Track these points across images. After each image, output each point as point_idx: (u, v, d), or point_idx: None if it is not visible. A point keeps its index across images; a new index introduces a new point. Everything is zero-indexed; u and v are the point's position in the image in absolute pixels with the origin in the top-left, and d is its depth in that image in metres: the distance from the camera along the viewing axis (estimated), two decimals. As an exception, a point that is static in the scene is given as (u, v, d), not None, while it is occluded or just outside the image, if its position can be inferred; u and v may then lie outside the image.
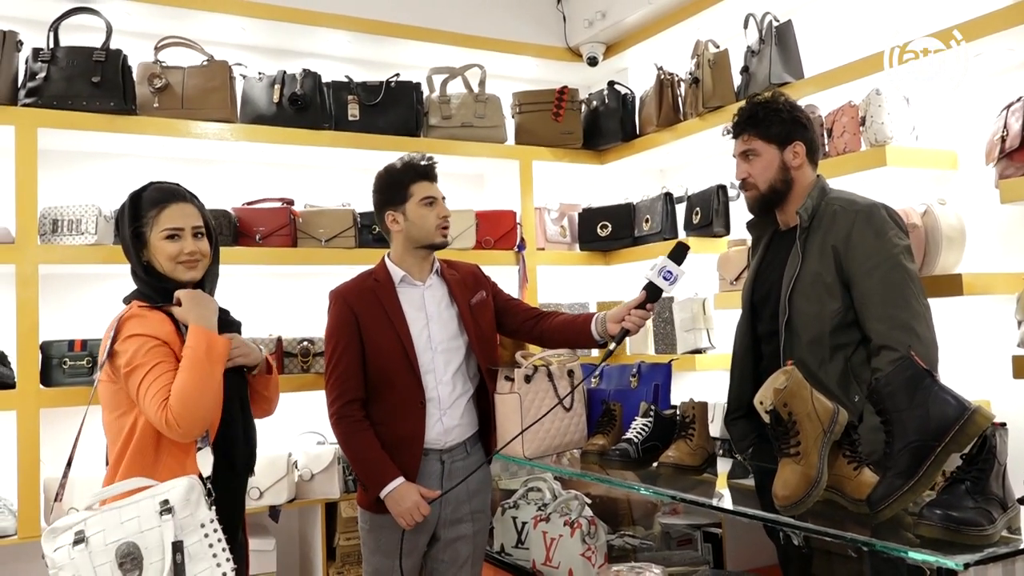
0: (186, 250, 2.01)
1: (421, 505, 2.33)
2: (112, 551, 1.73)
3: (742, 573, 2.40)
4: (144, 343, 1.89)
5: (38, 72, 2.99)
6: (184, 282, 2.03)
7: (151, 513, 1.76)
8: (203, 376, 1.87)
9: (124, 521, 1.75)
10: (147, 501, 1.78)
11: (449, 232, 2.55)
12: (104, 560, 1.73)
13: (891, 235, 2.15)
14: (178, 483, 1.81)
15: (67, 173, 3.31)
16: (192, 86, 3.24)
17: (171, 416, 1.83)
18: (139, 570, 1.72)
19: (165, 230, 2.00)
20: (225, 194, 3.46)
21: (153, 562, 1.73)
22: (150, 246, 2.01)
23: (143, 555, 1.73)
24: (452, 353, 2.50)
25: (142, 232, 2.01)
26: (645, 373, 2.79)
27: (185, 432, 1.85)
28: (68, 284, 3.22)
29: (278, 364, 3.26)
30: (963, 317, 2.72)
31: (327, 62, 3.74)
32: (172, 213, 2.01)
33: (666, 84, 3.63)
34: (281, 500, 3.20)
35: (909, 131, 2.81)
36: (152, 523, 1.75)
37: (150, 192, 2.05)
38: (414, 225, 2.47)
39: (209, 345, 1.91)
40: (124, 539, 1.74)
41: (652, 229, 3.76)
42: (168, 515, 1.76)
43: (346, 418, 2.40)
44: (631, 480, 2.32)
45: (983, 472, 1.55)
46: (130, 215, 2.01)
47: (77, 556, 1.72)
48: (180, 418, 1.83)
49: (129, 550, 1.73)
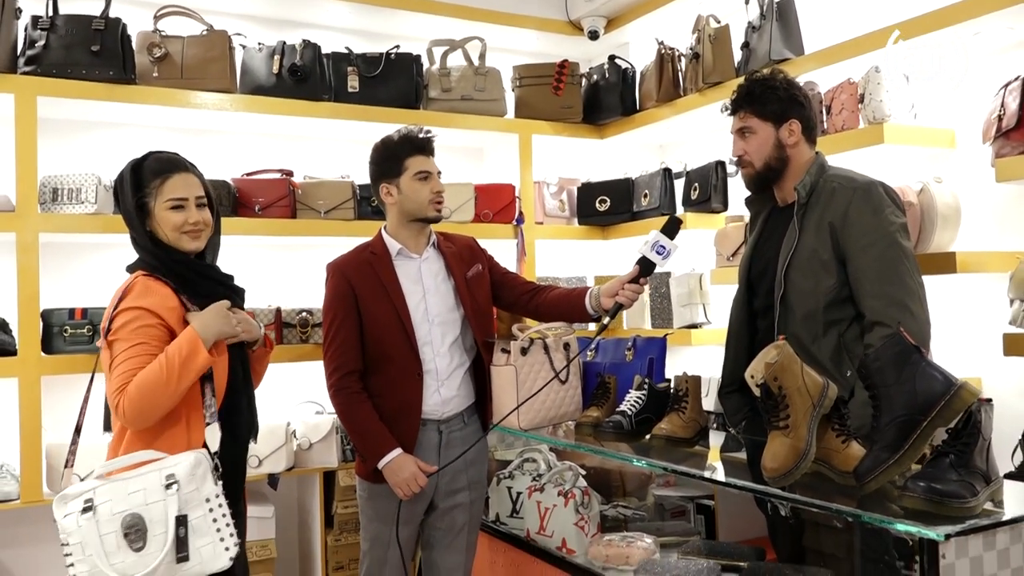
0: (191, 220, 2.02)
1: (418, 476, 2.36)
2: (118, 521, 1.76)
3: (732, 544, 2.44)
4: (137, 317, 1.90)
5: (37, 40, 2.98)
6: (188, 251, 2.05)
7: (157, 486, 1.79)
8: (170, 380, 1.85)
9: (131, 493, 1.79)
10: (153, 474, 1.81)
11: (444, 206, 2.56)
12: (110, 529, 1.76)
13: (888, 213, 2.17)
14: (185, 458, 1.83)
15: (67, 142, 3.31)
16: (191, 56, 3.23)
17: (124, 403, 1.85)
18: (143, 541, 1.76)
19: (169, 200, 2.00)
20: (224, 165, 3.46)
21: (157, 534, 1.77)
22: (154, 216, 2.01)
23: (147, 527, 1.76)
24: (449, 325, 2.52)
25: (145, 203, 2.01)
26: (640, 347, 2.82)
27: (132, 421, 1.87)
28: (68, 252, 3.24)
29: (277, 334, 3.30)
30: (956, 295, 2.75)
31: (327, 33, 3.73)
32: (175, 183, 2.02)
33: (666, 59, 3.62)
34: (280, 468, 3.24)
35: (908, 109, 2.81)
36: (157, 496, 1.78)
37: (151, 162, 2.04)
38: (408, 199, 2.48)
39: (191, 354, 1.88)
40: (130, 510, 1.77)
41: (650, 204, 3.77)
42: (173, 489, 1.79)
43: (344, 390, 2.43)
44: (624, 452, 2.35)
45: (967, 446, 1.58)
46: (132, 185, 2.01)
47: (84, 524, 1.76)
48: (130, 409, 1.84)
49: (134, 521, 1.77)
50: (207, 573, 1.80)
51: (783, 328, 2.22)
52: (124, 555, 1.75)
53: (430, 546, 2.58)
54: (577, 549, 2.53)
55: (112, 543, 1.76)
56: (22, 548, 3.13)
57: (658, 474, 3.02)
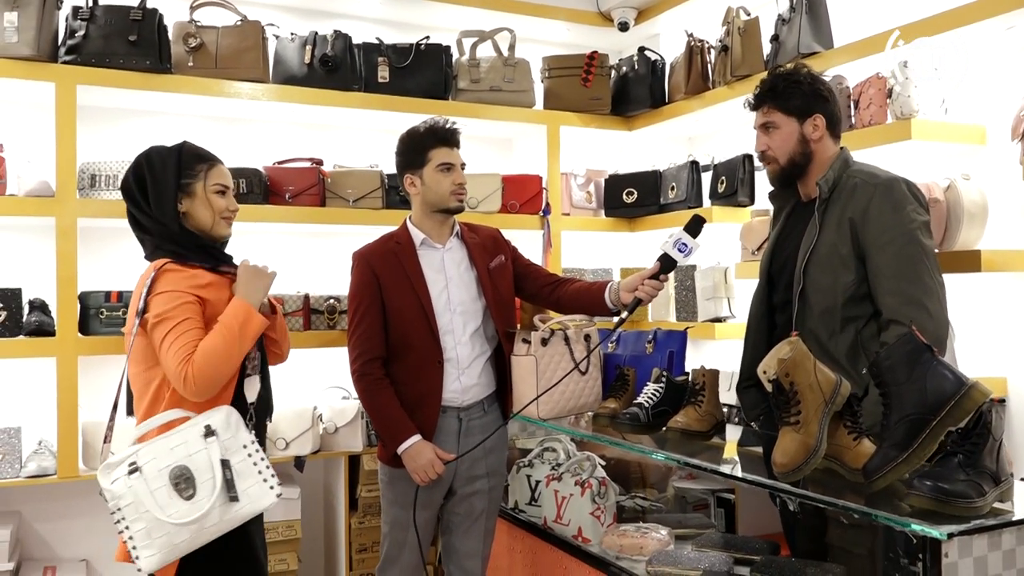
0: (231, 207, 2.15)
1: (436, 463, 2.41)
2: (165, 475, 1.86)
3: (746, 537, 2.45)
4: (176, 297, 1.97)
5: (77, 30, 3.07)
6: (222, 237, 2.15)
7: (196, 438, 1.90)
8: (232, 345, 1.96)
9: (172, 448, 1.88)
10: (190, 428, 1.91)
11: (471, 195, 2.59)
12: (159, 484, 1.85)
13: (909, 210, 2.15)
14: (216, 411, 1.94)
15: (105, 129, 3.40)
16: (226, 46, 3.30)
17: (192, 371, 1.91)
18: (192, 489, 1.86)
19: (216, 184, 2.12)
20: (256, 153, 3.54)
21: (205, 480, 1.87)
22: (195, 198, 2.09)
23: (195, 475, 1.86)
24: (471, 315, 2.56)
25: (188, 184, 2.09)
26: (661, 340, 2.83)
27: (199, 390, 1.94)
28: (105, 237, 3.33)
29: (305, 321, 3.36)
30: (981, 293, 2.72)
31: (358, 23, 3.77)
32: (220, 171, 2.15)
33: (695, 51, 3.61)
34: (306, 451, 3.31)
35: (938, 104, 2.78)
36: (198, 446, 1.89)
37: (191, 148, 2.14)
38: (430, 189, 2.52)
39: (246, 319, 2.00)
40: (175, 463, 1.87)
41: (677, 197, 3.77)
42: (212, 437, 1.90)
43: (367, 376, 2.48)
44: (639, 443, 2.37)
45: (976, 446, 1.58)
46: (177, 167, 2.08)
47: (134, 483, 1.84)
48: (199, 377, 1.92)
49: (182, 471, 1.86)
50: (258, 511, 1.94)
51: (801, 324, 2.21)
52: (177, 505, 1.84)
53: (449, 531, 2.63)
54: (592, 538, 2.56)
55: (164, 496, 1.84)
56: (59, 521, 3.25)
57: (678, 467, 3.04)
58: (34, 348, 2.97)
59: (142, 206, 2.08)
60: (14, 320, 2.97)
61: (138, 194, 2.08)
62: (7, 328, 2.95)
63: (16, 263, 3.24)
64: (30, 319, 3.01)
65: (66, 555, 3.26)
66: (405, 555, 2.52)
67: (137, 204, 2.09)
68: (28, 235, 3.26)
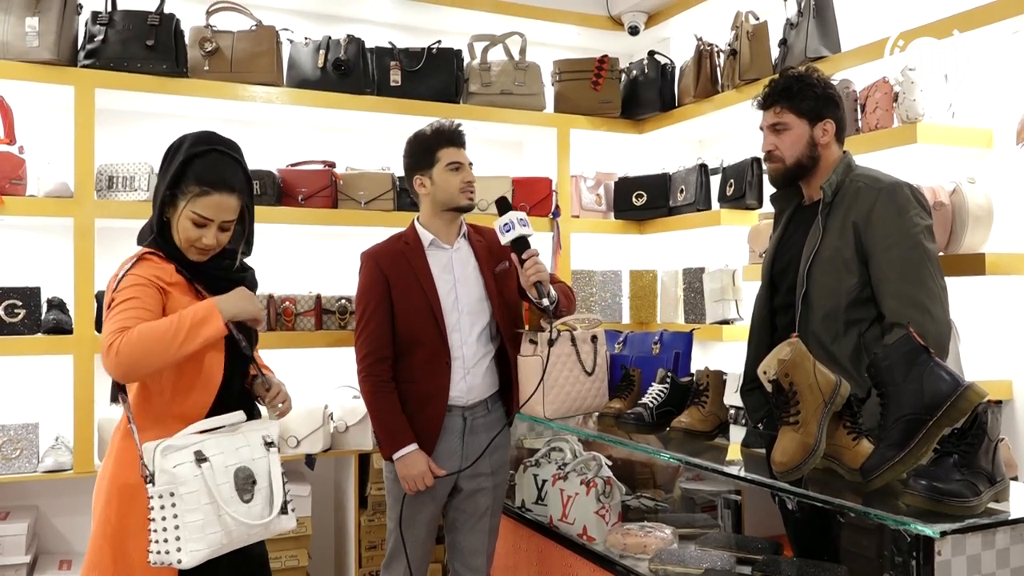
0: (204, 240, 1.95)
1: (426, 476, 2.46)
2: (231, 473, 1.84)
3: (748, 537, 2.47)
4: (136, 280, 1.88)
5: (96, 35, 3.13)
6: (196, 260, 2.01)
7: (258, 444, 1.91)
8: (176, 337, 1.80)
9: (238, 447, 1.88)
10: (253, 433, 1.92)
11: (481, 197, 2.64)
12: (224, 480, 1.82)
13: (912, 214, 2.16)
14: (273, 424, 1.97)
15: (122, 132, 3.47)
16: (241, 50, 3.36)
17: (120, 345, 1.77)
18: (250, 493, 1.86)
19: (196, 215, 1.93)
20: (270, 155, 3.59)
21: (261, 487, 1.88)
22: (176, 213, 1.94)
23: (256, 478, 1.87)
24: (478, 315, 2.60)
25: (173, 196, 1.94)
26: (667, 341, 2.85)
27: (121, 367, 1.79)
28: (122, 237, 3.36)
29: (316, 321, 3.41)
30: (986, 297, 2.72)
31: (371, 28, 3.82)
32: (210, 203, 1.93)
33: (705, 55, 3.64)
34: (316, 449, 3.36)
35: (945, 108, 2.79)
36: (260, 453, 1.90)
37: (203, 164, 1.94)
38: (440, 188, 2.57)
39: (205, 319, 1.85)
40: (241, 463, 1.86)
41: (686, 200, 3.79)
42: (273, 448, 1.92)
43: (373, 376, 2.52)
44: (642, 443, 2.40)
45: (972, 446, 1.59)
46: (173, 178, 1.93)
47: (204, 472, 1.79)
48: (125, 352, 1.77)
49: (248, 473, 1.86)
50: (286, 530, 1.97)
51: (804, 327, 2.23)
52: (236, 506, 1.83)
53: (454, 528, 2.66)
54: (597, 537, 2.59)
55: (227, 492, 1.82)
56: (75, 516, 3.31)
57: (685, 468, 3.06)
58: (52, 345, 3.04)
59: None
60: (33, 318, 3.03)
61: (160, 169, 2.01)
62: (26, 326, 3.02)
63: (35, 262, 3.31)
64: (48, 317, 3.08)
65: (82, 549, 3.27)
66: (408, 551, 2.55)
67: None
68: (47, 235, 3.33)
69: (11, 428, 3.01)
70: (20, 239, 3.33)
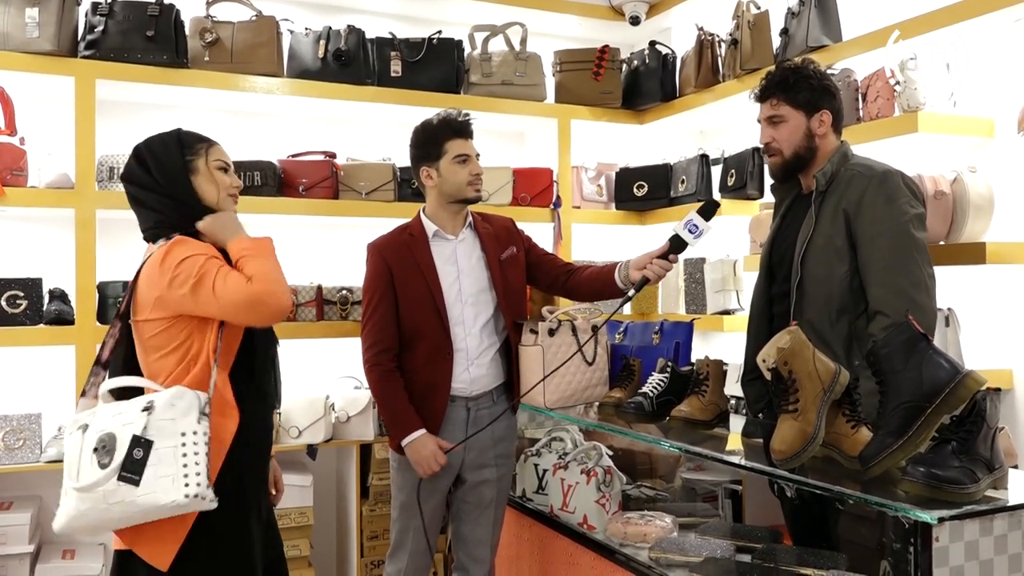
0: (235, 183, 2.12)
1: (438, 455, 2.46)
2: (95, 439, 1.80)
3: (748, 526, 2.48)
4: (200, 257, 1.92)
5: (96, 26, 3.13)
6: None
7: (135, 409, 1.81)
8: (272, 262, 1.95)
9: (115, 414, 1.82)
10: (140, 400, 1.83)
11: (483, 188, 2.63)
12: (88, 447, 1.80)
13: (902, 202, 2.16)
14: (167, 391, 1.84)
15: (123, 123, 3.47)
16: (241, 40, 3.35)
17: (260, 288, 1.87)
18: (109, 458, 1.77)
19: (218, 161, 2.09)
20: (271, 146, 3.59)
21: (122, 452, 1.77)
22: (199, 175, 2.05)
23: (116, 446, 1.77)
24: (482, 306, 2.60)
25: (190, 161, 2.05)
26: (667, 331, 2.86)
27: (275, 307, 1.90)
28: (123, 228, 3.37)
29: (318, 312, 3.42)
30: (987, 286, 2.72)
31: (371, 18, 3.82)
32: (219, 149, 2.12)
33: (706, 45, 3.63)
34: (318, 439, 3.37)
35: (947, 97, 2.78)
36: (132, 419, 1.80)
37: (186, 131, 2.12)
38: (446, 181, 2.56)
39: (257, 244, 1.98)
40: (106, 430, 1.80)
41: (687, 190, 3.79)
42: (146, 413, 1.79)
43: (378, 366, 2.53)
44: (641, 432, 2.40)
45: (970, 433, 1.60)
46: (179, 146, 2.05)
47: (75, 441, 1.81)
48: (268, 293, 1.88)
49: (105, 438, 1.79)
50: (158, 504, 1.77)
51: (798, 315, 2.24)
52: (92, 471, 1.77)
53: (458, 519, 2.67)
54: (597, 526, 2.59)
55: (87, 460, 1.79)
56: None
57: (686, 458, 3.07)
58: (54, 336, 3.05)
59: (151, 186, 2.03)
60: (35, 309, 3.04)
61: (144, 176, 2.04)
62: (28, 316, 3.02)
63: (37, 253, 3.32)
64: (50, 308, 3.09)
65: (85, 539, 3.33)
66: (410, 540, 2.56)
67: (144, 186, 2.04)
68: (48, 226, 3.34)
69: (14, 418, 3.02)
70: (21, 230, 3.34)
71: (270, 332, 2.16)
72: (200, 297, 1.89)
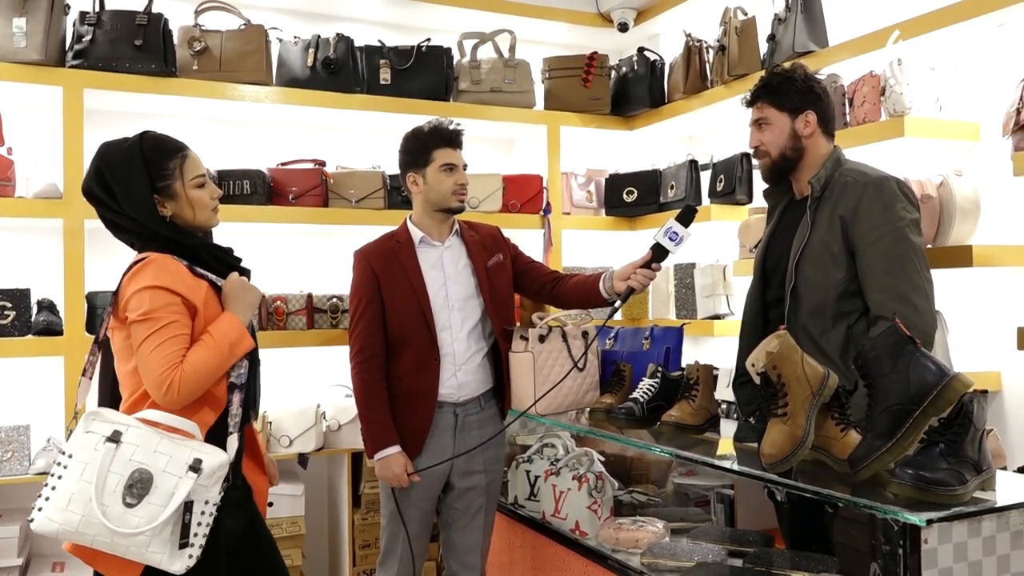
0: (214, 195, 1.96)
1: (402, 478, 2.48)
2: (130, 468, 1.69)
3: (740, 530, 2.48)
4: (162, 296, 1.81)
5: (84, 35, 3.13)
6: (211, 228, 2.00)
7: (182, 462, 1.72)
8: (220, 364, 1.84)
9: (156, 451, 1.72)
10: (185, 450, 1.74)
11: (472, 196, 2.63)
12: (118, 471, 1.69)
13: (898, 208, 2.18)
14: (217, 454, 1.77)
15: (112, 132, 3.35)
16: (230, 49, 3.36)
17: (178, 381, 1.77)
18: (137, 501, 1.68)
19: (195, 178, 1.91)
20: (260, 155, 3.60)
21: (152, 503, 1.69)
22: (178, 198, 1.90)
23: (150, 491, 1.69)
24: (469, 312, 2.60)
25: (167, 186, 1.89)
26: (657, 336, 2.86)
27: (179, 402, 1.79)
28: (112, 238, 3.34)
29: (308, 320, 3.41)
30: (974, 289, 2.74)
31: (360, 26, 3.82)
32: (193, 160, 1.93)
33: (694, 51, 3.65)
34: (309, 448, 3.36)
35: (933, 101, 2.80)
36: (177, 471, 1.71)
37: (152, 140, 1.91)
38: (432, 189, 2.57)
39: (238, 341, 1.88)
40: (146, 466, 1.70)
41: (677, 196, 3.80)
42: (195, 474, 1.72)
43: (364, 373, 2.53)
44: (631, 437, 2.41)
45: (958, 436, 1.60)
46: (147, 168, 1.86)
47: (102, 451, 1.68)
48: (184, 389, 1.78)
49: (143, 477, 1.69)
50: (154, 561, 1.70)
51: (793, 320, 2.24)
52: (113, 501, 1.67)
53: (448, 526, 2.66)
54: (590, 532, 2.59)
55: (111, 484, 1.67)
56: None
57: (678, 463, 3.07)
58: (42, 347, 3.03)
59: (116, 209, 1.89)
60: (23, 320, 3.02)
61: (108, 200, 1.88)
62: (16, 327, 3.01)
63: (25, 264, 3.31)
64: (38, 319, 3.07)
65: (75, 551, 3.32)
66: (399, 546, 2.56)
67: (110, 208, 1.89)
68: (36, 236, 3.33)
69: (2, 430, 3.00)
70: (9, 240, 3.33)
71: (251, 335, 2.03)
72: (133, 338, 1.82)
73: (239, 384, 1.92)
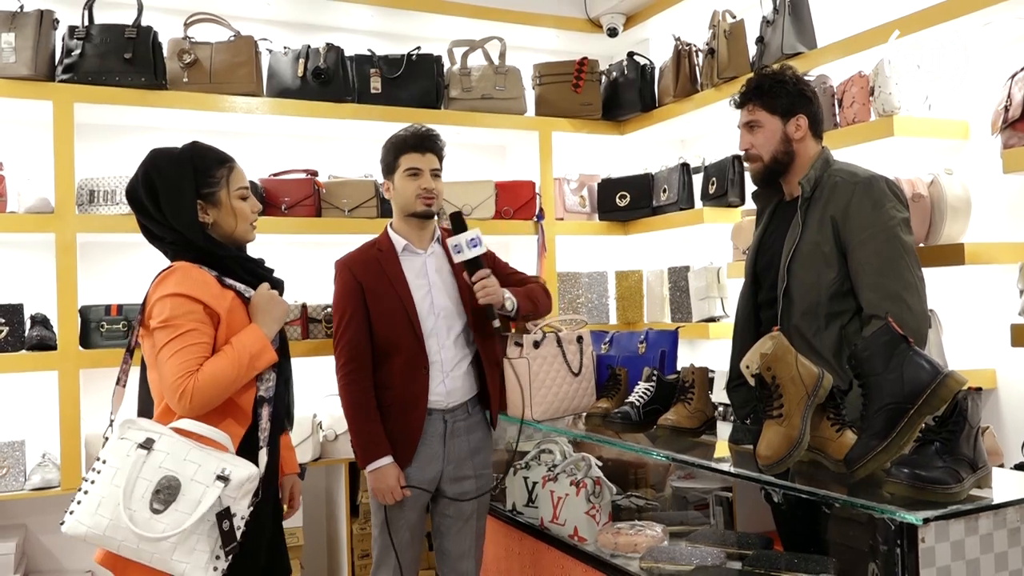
0: (255, 209, 2.01)
1: (395, 491, 2.47)
2: (159, 475, 1.71)
3: (739, 533, 2.48)
4: (183, 303, 1.83)
5: (73, 49, 3.12)
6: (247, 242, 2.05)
7: (210, 471, 1.73)
8: (238, 376, 1.84)
9: (186, 459, 1.73)
10: (215, 460, 1.75)
11: (436, 204, 2.61)
12: (148, 477, 1.71)
13: (888, 207, 2.18)
14: (246, 467, 1.78)
15: (102, 146, 3.46)
16: (220, 61, 3.35)
17: (193, 389, 1.78)
18: (164, 507, 1.69)
19: (240, 189, 1.97)
20: (252, 166, 3.54)
21: (179, 511, 1.70)
22: (221, 206, 1.95)
23: (177, 498, 1.70)
24: (454, 318, 2.60)
25: (212, 193, 1.93)
26: (652, 339, 2.86)
27: (192, 410, 1.80)
28: (104, 252, 3.38)
29: (303, 330, 3.41)
30: (966, 287, 2.75)
31: (350, 36, 3.83)
32: (239, 173, 1.99)
33: (683, 55, 3.66)
34: (306, 458, 3.35)
35: (921, 101, 2.81)
36: (205, 480, 1.73)
37: (202, 148, 1.98)
38: (399, 193, 2.59)
39: (259, 354, 1.88)
40: (175, 473, 1.71)
41: (669, 199, 3.81)
42: (222, 483, 1.73)
43: (353, 384, 2.52)
44: (628, 441, 2.40)
45: (953, 434, 1.61)
46: (194, 174, 1.91)
47: (133, 457, 1.71)
48: (197, 398, 1.79)
49: (170, 484, 1.70)
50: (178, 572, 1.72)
51: (786, 321, 2.25)
52: (140, 507, 1.69)
53: (440, 534, 2.66)
54: (588, 537, 2.59)
55: (140, 489, 1.70)
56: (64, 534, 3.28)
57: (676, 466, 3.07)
58: (36, 362, 3.02)
59: (156, 217, 1.92)
60: (16, 335, 3.01)
61: (151, 205, 1.91)
62: (9, 343, 3.00)
63: (17, 279, 3.30)
64: (32, 334, 3.06)
65: (71, 567, 3.30)
66: (390, 556, 2.55)
67: (150, 215, 1.92)
68: (29, 251, 3.32)
69: (-3, 446, 2.99)
70: (1, 256, 3.32)
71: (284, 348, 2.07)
72: (155, 343, 1.84)
73: (267, 398, 1.92)
